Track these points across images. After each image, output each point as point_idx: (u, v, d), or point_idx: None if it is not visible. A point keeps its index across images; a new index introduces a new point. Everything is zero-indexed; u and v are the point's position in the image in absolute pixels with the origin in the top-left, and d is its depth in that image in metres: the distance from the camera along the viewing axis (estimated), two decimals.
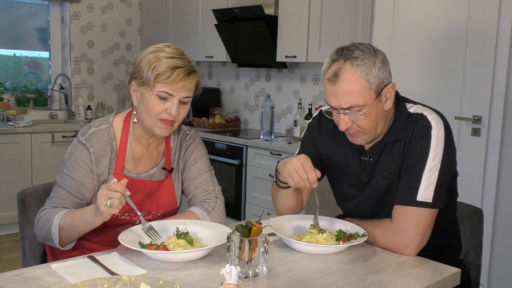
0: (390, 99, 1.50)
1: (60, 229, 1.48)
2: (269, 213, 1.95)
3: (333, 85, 1.45)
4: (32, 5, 4.93)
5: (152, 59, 1.51)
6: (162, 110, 1.52)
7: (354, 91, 1.42)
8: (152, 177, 1.67)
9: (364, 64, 1.43)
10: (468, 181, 2.85)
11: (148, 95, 1.52)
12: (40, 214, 1.54)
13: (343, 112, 1.46)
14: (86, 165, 1.56)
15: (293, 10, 3.71)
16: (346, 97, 1.43)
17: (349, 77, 1.42)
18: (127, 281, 1.11)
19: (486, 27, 2.76)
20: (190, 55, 1.67)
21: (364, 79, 1.42)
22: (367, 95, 1.43)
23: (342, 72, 1.43)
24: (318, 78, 4.06)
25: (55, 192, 1.58)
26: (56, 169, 1.65)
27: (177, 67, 1.50)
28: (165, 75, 1.49)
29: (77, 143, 1.59)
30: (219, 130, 4.35)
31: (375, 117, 1.47)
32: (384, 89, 1.47)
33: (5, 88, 4.70)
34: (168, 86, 1.50)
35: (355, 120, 1.46)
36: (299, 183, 1.48)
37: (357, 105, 1.43)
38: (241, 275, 1.25)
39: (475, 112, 2.84)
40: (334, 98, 1.46)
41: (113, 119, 1.64)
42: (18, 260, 3.53)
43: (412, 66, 3.09)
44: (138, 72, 1.53)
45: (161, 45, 1.56)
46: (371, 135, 1.51)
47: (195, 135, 1.77)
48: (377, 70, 1.44)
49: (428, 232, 1.48)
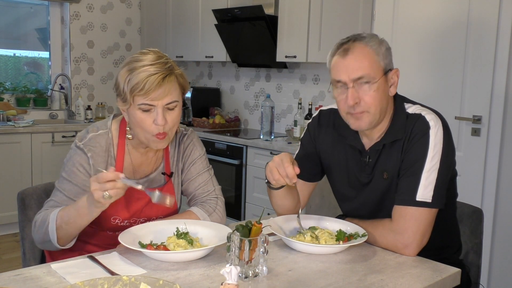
0: (394, 85, 1.53)
1: (57, 228, 1.44)
2: (269, 213, 1.95)
3: (344, 57, 1.48)
4: (32, 5, 4.93)
5: (124, 73, 1.46)
6: (151, 123, 1.46)
7: (364, 62, 1.46)
8: (152, 182, 1.64)
9: (373, 42, 1.49)
10: (468, 181, 2.85)
11: (132, 111, 1.47)
12: (36, 218, 1.51)
13: (352, 85, 1.47)
14: (84, 169, 1.54)
15: (293, 10, 3.72)
16: (357, 67, 1.46)
17: (361, 50, 1.47)
18: (127, 281, 1.11)
19: (486, 27, 2.76)
20: (190, 55, 1.66)
21: (374, 53, 1.48)
22: (376, 68, 1.47)
23: (353, 47, 1.48)
24: (318, 78, 4.06)
25: (53, 196, 1.55)
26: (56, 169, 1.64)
27: (150, 75, 1.42)
28: (139, 87, 1.42)
29: (76, 148, 1.55)
30: (219, 130, 4.35)
31: (381, 96, 1.49)
32: (390, 72, 1.51)
33: (5, 88, 4.70)
34: (145, 97, 1.43)
35: (363, 95, 1.47)
36: (279, 180, 1.48)
37: (368, 75, 1.46)
38: (241, 275, 1.25)
39: (475, 112, 2.84)
40: (344, 71, 1.48)
41: (112, 124, 1.60)
42: (18, 260, 3.53)
43: (412, 66, 3.09)
44: (117, 89, 1.49)
45: (137, 54, 1.50)
46: (375, 117, 1.50)
47: (192, 134, 1.74)
48: (385, 50, 1.50)
49: (428, 232, 1.48)
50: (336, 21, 3.53)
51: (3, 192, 4.05)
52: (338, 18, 3.52)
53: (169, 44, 4.91)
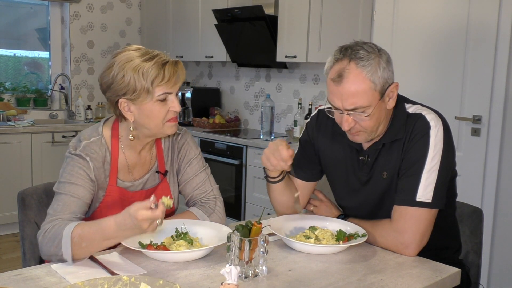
0: (393, 98, 1.49)
1: (74, 245, 1.31)
2: (269, 213, 1.95)
3: (338, 85, 1.42)
4: (32, 5, 4.93)
5: (134, 68, 1.44)
6: (166, 112, 1.49)
7: (359, 93, 1.41)
8: (146, 183, 1.63)
9: (369, 65, 1.40)
10: (468, 181, 2.85)
11: (149, 105, 1.47)
12: (45, 227, 1.39)
13: (347, 113, 1.45)
14: (85, 173, 1.49)
15: (293, 10, 3.71)
16: (350, 98, 1.41)
17: (354, 78, 1.40)
18: (127, 281, 1.11)
19: (486, 27, 2.76)
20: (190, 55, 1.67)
21: (369, 80, 1.41)
22: (371, 96, 1.42)
23: (347, 73, 1.41)
24: (318, 78, 4.06)
25: (57, 200, 1.45)
26: (56, 169, 1.60)
27: (164, 63, 1.46)
28: (160, 76, 1.44)
29: (72, 155, 1.50)
30: (219, 130, 4.35)
31: (378, 117, 1.47)
32: (388, 88, 1.46)
33: (5, 88, 4.70)
34: (165, 86, 1.46)
35: (358, 121, 1.46)
36: (277, 165, 1.51)
37: (362, 106, 1.42)
38: (241, 275, 1.25)
39: (475, 112, 2.84)
40: (338, 99, 1.44)
41: (103, 129, 1.57)
42: (18, 260, 3.53)
43: (412, 66, 3.09)
44: (126, 87, 1.45)
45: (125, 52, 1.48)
46: (372, 134, 1.51)
47: (186, 134, 1.72)
48: (382, 71, 1.42)
49: (428, 232, 1.48)
50: (336, 21, 3.53)
51: (3, 192, 4.05)
52: (338, 18, 3.52)
53: (169, 44, 4.91)
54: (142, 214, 1.23)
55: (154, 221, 1.26)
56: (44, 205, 1.73)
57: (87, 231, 1.32)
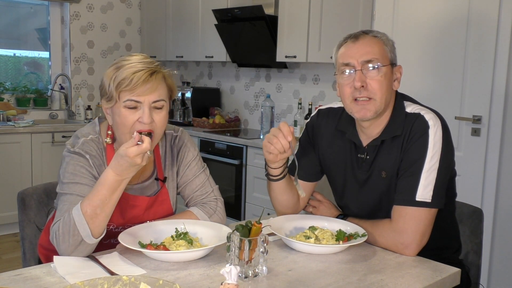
0: (398, 81, 1.58)
1: (89, 218, 1.33)
2: (269, 213, 1.95)
3: (355, 43, 1.52)
4: (32, 5, 4.93)
5: (111, 71, 1.45)
6: (134, 121, 1.42)
7: (375, 48, 1.51)
8: (145, 189, 1.61)
9: (382, 36, 1.55)
10: (468, 181, 2.85)
11: (117, 109, 1.44)
12: (54, 228, 1.38)
13: (360, 68, 1.50)
14: (87, 171, 1.48)
15: (293, 10, 3.72)
16: (367, 51, 1.50)
17: (370, 38, 1.53)
18: (127, 281, 1.11)
19: (486, 27, 2.76)
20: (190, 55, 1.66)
21: (383, 43, 1.53)
22: (385, 56, 1.52)
23: (363, 36, 1.53)
24: (318, 78, 4.06)
25: (63, 201, 1.43)
26: (57, 169, 1.59)
27: (137, 70, 1.41)
28: (126, 81, 1.40)
29: (70, 154, 1.49)
30: (219, 130, 4.35)
31: (387, 84, 1.51)
32: (395, 67, 1.56)
33: (5, 88, 4.70)
34: (131, 92, 1.41)
35: (370, 80, 1.49)
36: (281, 148, 1.49)
37: (377, 59, 1.49)
38: (241, 275, 1.25)
39: (475, 112, 2.84)
40: (354, 53, 1.51)
41: (100, 128, 1.56)
42: (18, 260, 3.53)
43: (412, 66, 3.09)
44: (103, 88, 1.47)
45: (125, 56, 1.50)
46: (380, 105, 1.51)
47: (183, 135, 1.70)
48: (392, 45, 1.56)
49: (428, 231, 1.48)
50: (336, 21, 3.53)
51: (3, 192, 4.05)
52: (338, 18, 3.52)
53: (169, 44, 4.91)
54: (132, 151, 1.29)
55: (145, 154, 1.32)
56: (44, 205, 1.73)
57: (93, 196, 1.35)
